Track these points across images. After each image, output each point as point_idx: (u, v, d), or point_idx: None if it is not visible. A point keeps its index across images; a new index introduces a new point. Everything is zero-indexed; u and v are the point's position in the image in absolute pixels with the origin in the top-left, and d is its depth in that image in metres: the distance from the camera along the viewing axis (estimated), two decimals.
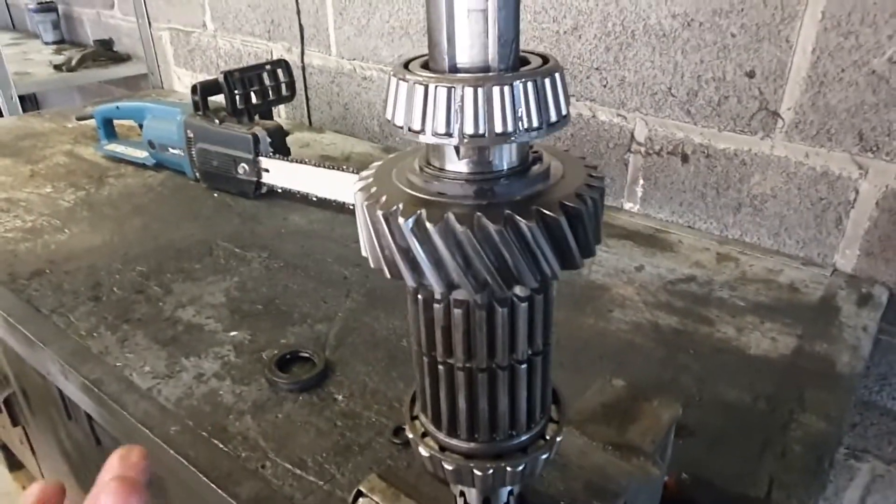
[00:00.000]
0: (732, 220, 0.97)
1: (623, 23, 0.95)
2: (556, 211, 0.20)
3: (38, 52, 2.08)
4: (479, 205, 0.20)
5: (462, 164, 0.21)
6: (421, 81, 0.20)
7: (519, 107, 0.19)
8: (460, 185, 0.21)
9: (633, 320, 0.77)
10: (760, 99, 0.88)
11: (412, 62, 0.22)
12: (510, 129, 0.19)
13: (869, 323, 0.78)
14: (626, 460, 0.39)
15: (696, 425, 0.61)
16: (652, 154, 1.01)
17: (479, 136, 0.19)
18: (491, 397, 0.23)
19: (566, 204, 0.20)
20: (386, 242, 0.21)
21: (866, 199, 0.84)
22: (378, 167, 0.24)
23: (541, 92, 0.20)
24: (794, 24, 0.82)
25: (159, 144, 1.19)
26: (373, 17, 1.26)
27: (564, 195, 0.20)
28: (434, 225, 0.19)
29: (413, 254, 0.20)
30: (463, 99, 0.19)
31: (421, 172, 0.22)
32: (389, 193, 0.21)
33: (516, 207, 0.20)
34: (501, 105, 0.19)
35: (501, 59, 0.20)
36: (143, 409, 0.64)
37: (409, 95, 0.20)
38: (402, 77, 0.20)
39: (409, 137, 0.20)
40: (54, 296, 0.83)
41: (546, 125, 0.20)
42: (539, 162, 0.22)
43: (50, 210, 1.08)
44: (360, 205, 0.22)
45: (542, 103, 0.20)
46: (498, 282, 0.20)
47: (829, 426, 0.62)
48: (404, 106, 0.20)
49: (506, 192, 0.21)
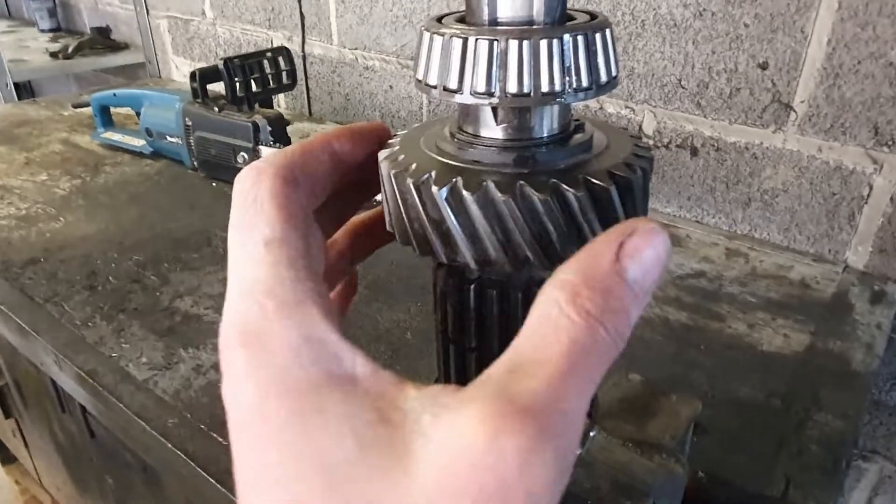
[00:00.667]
0: (742, 215, 0.95)
1: (633, 12, 0.93)
2: (605, 180, 0.18)
3: (33, 40, 2.05)
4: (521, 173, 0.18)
5: (499, 129, 0.19)
6: (459, 34, 0.18)
7: (568, 63, 0.17)
8: (497, 153, 0.19)
9: (643, 315, 0.75)
10: (773, 91, 0.86)
11: (445, 17, 0.20)
12: (558, 87, 0.17)
13: (883, 320, 0.76)
14: (648, 457, 0.37)
15: (710, 423, 0.59)
16: (660, 147, 0.99)
17: (523, 96, 0.17)
18: None
19: (616, 173, 0.18)
20: (416, 214, 0.19)
21: (880, 195, 0.83)
22: (404, 135, 0.22)
23: (591, 48, 0.18)
24: (809, 15, 0.80)
25: (157, 132, 1.16)
26: (375, 5, 1.24)
27: (613, 164, 0.18)
28: (472, 194, 0.17)
29: (447, 226, 0.18)
30: (507, 53, 0.17)
31: (453, 139, 0.20)
32: (420, 161, 0.19)
33: (561, 176, 0.18)
34: (549, 61, 0.17)
35: (548, 12, 0.18)
36: (139, 402, 0.62)
37: (446, 50, 0.18)
38: (436, 31, 0.18)
39: (444, 97, 0.18)
40: (48, 285, 0.81)
41: (596, 86, 0.18)
42: (581, 131, 0.20)
43: (45, 198, 1.05)
44: (386, 174, 0.20)
45: (593, 61, 0.18)
46: (540, 257, 0.18)
47: (845, 425, 0.60)
48: (438, 62, 0.18)
49: (548, 161, 0.19)
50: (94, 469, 1.02)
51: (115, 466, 0.94)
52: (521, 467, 0.13)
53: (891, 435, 0.94)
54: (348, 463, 0.14)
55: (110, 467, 0.96)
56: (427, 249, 0.19)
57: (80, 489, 1.19)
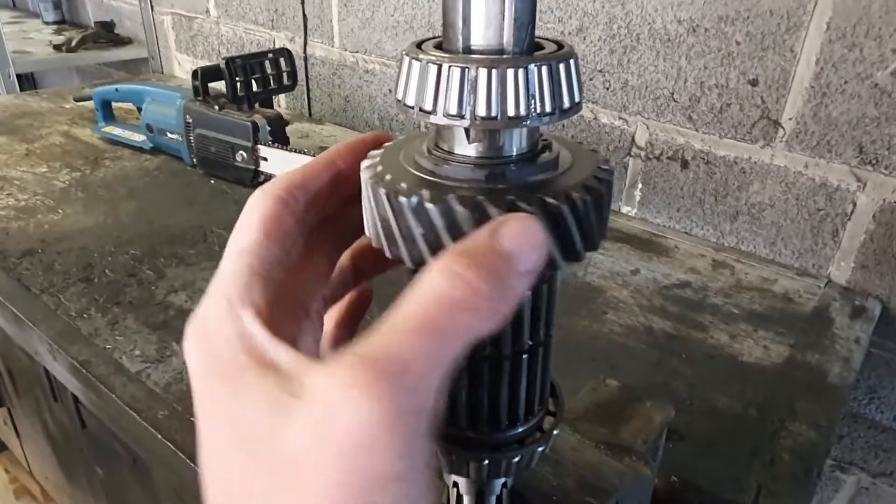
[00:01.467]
0: (729, 227, 0.97)
1: (628, 26, 0.95)
2: (560, 200, 0.19)
3: (37, 32, 2.06)
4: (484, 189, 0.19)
5: (471, 147, 0.21)
6: (434, 61, 0.20)
7: (533, 91, 0.19)
8: (469, 169, 0.21)
9: (627, 323, 0.77)
10: (762, 107, 0.88)
11: (425, 43, 0.21)
12: (523, 112, 0.19)
13: (861, 335, 0.78)
14: (617, 459, 0.38)
15: (687, 430, 0.61)
16: (652, 159, 1.01)
17: (491, 119, 0.19)
18: (492, 386, 0.23)
19: (571, 195, 0.20)
20: (386, 221, 0.20)
21: (863, 212, 0.84)
22: (387, 148, 0.24)
23: (555, 77, 0.20)
24: (798, 34, 0.82)
25: (157, 128, 1.18)
26: (377, 10, 1.26)
27: (571, 185, 0.20)
28: (435, 206, 0.19)
29: (412, 234, 0.20)
30: (477, 80, 0.19)
31: (429, 155, 0.22)
32: (395, 173, 0.21)
33: (520, 194, 0.19)
34: (515, 88, 0.19)
35: (517, 42, 0.20)
36: (130, 393, 0.63)
37: (422, 75, 0.20)
38: (415, 56, 0.20)
39: (420, 118, 0.20)
40: (45, 275, 0.82)
41: (559, 111, 0.20)
42: (548, 150, 0.22)
43: (44, 190, 1.07)
44: (364, 183, 0.21)
45: (556, 89, 0.20)
46: None
47: (818, 436, 0.62)
48: (416, 85, 0.20)
49: (513, 178, 0.21)
50: (84, 459, 1.03)
51: (104, 457, 0.95)
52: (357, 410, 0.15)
53: (868, 448, 0.95)
54: (256, 425, 0.17)
55: (100, 458, 0.97)
56: (396, 253, 0.21)
57: (70, 479, 1.20)
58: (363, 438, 0.16)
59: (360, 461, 0.16)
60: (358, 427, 0.15)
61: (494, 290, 0.17)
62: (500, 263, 0.18)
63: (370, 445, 0.16)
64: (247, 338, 0.19)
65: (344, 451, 0.16)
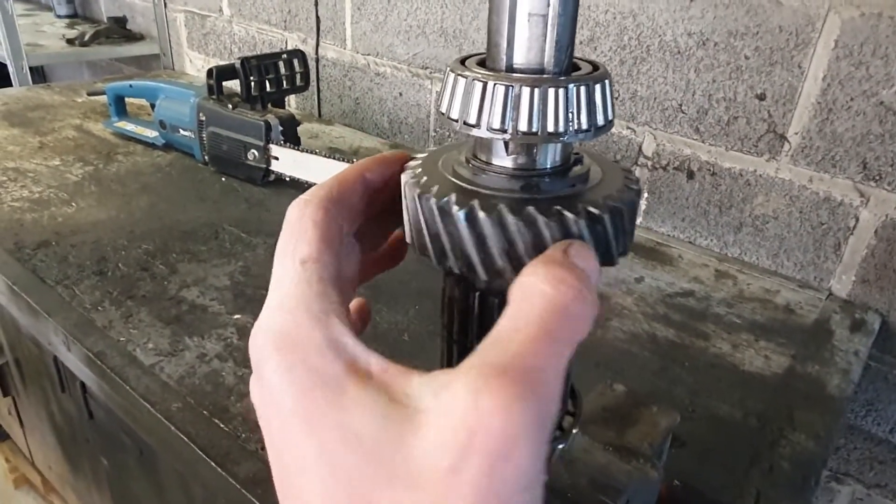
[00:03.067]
0: (733, 238, 0.98)
1: (639, 37, 0.97)
2: (601, 209, 0.21)
3: (50, 25, 2.08)
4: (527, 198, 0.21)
5: (509, 159, 0.23)
6: (480, 78, 0.21)
7: (571, 109, 0.21)
8: (506, 180, 0.22)
9: (631, 330, 0.79)
10: (769, 122, 0.89)
11: (468, 59, 0.23)
12: (561, 129, 0.21)
13: (860, 348, 0.79)
14: (625, 461, 0.40)
15: (688, 436, 0.62)
16: (658, 168, 1.02)
17: (531, 134, 0.21)
18: None
19: (609, 203, 0.21)
20: (435, 231, 0.22)
21: (866, 227, 0.86)
22: (424, 159, 0.25)
23: (592, 96, 0.21)
24: (807, 51, 0.83)
25: (170, 125, 1.19)
26: (391, 13, 1.27)
27: (607, 194, 0.22)
28: (487, 215, 0.20)
29: (463, 242, 0.21)
30: (520, 97, 0.20)
31: (468, 165, 0.23)
32: (440, 184, 0.22)
33: (563, 203, 0.21)
34: (555, 106, 0.20)
35: (556, 62, 0.21)
36: (144, 385, 0.65)
37: (468, 91, 0.21)
38: (460, 73, 0.22)
39: (463, 130, 0.22)
40: (59, 267, 0.83)
41: (594, 128, 0.21)
42: (580, 163, 0.23)
43: (58, 182, 1.08)
44: (410, 195, 0.23)
45: (592, 107, 0.21)
46: None
47: (816, 446, 0.63)
48: (460, 100, 0.21)
49: (550, 189, 0.22)
50: (90, 450, 1.05)
51: (110, 448, 0.96)
52: (500, 423, 0.16)
53: (864, 459, 0.97)
54: (373, 435, 0.17)
55: (106, 449, 0.98)
56: (443, 261, 0.22)
57: (73, 469, 1.21)
58: (504, 446, 0.16)
59: (501, 469, 0.16)
60: (500, 435, 0.16)
61: (593, 297, 0.19)
62: (584, 281, 0.19)
63: (511, 453, 0.16)
64: (338, 346, 0.19)
65: (486, 459, 0.16)
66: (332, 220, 0.23)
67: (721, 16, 0.88)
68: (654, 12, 0.94)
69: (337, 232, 0.23)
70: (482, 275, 0.21)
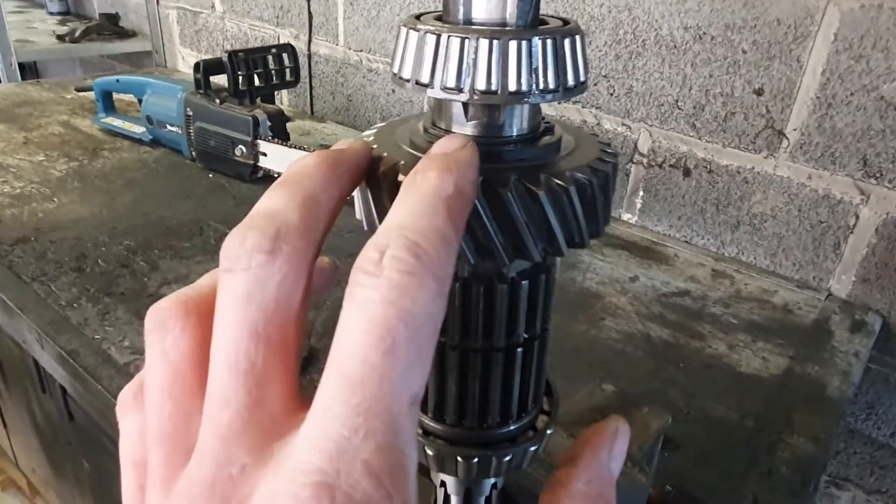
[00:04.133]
0: (730, 237, 0.96)
1: (634, 32, 0.95)
2: (565, 181, 0.18)
3: (41, 22, 2.06)
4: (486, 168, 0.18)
5: (469, 125, 0.20)
6: (433, 31, 0.19)
7: (535, 65, 0.18)
8: None
9: (625, 330, 0.76)
10: (767, 117, 0.87)
11: (424, 15, 0.21)
12: (525, 87, 0.18)
13: (861, 349, 0.77)
14: None
15: (683, 439, 0.60)
16: (654, 166, 1.00)
17: (491, 93, 0.18)
18: (483, 380, 0.22)
19: (577, 175, 0.19)
20: (382, 203, 0.19)
21: (866, 226, 0.84)
22: (380, 128, 0.23)
23: (559, 52, 0.19)
24: (805, 45, 0.81)
25: (157, 121, 1.17)
26: (383, 9, 1.25)
27: (575, 166, 0.19)
28: None
29: None
30: (477, 51, 0.18)
31: (425, 133, 0.21)
32: (391, 152, 0.20)
33: (525, 174, 0.18)
34: (518, 61, 0.18)
35: (520, 15, 0.19)
36: (118, 384, 0.62)
37: (419, 46, 0.19)
38: (412, 27, 0.19)
39: (416, 91, 0.19)
40: (37, 264, 0.81)
41: (563, 88, 0.19)
42: (550, 133, 0.21)
43: (40, 178, 1.06)
44: None
45: (560, 64, 0.19)
46: (500, 251, 0.18)
47: (816, 449, 0.61)
48: (413, 57, 0.19)
49: (514, 159, 0.20)
50: (71, 452, 1.02)
51: (92, 450, 0.94)
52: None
53: (864, 464, 0.94)
54: None
55: (87, 451, 0.96)
56: None
57: (56, 472, 1.19)
58: None
59: None
60: None
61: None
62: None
63: None
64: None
65: None
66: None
67: (718, 9, 0.86)
68: (650, 5, 0.92)
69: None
70: None
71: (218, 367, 0.16)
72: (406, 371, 0.14)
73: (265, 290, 0.16)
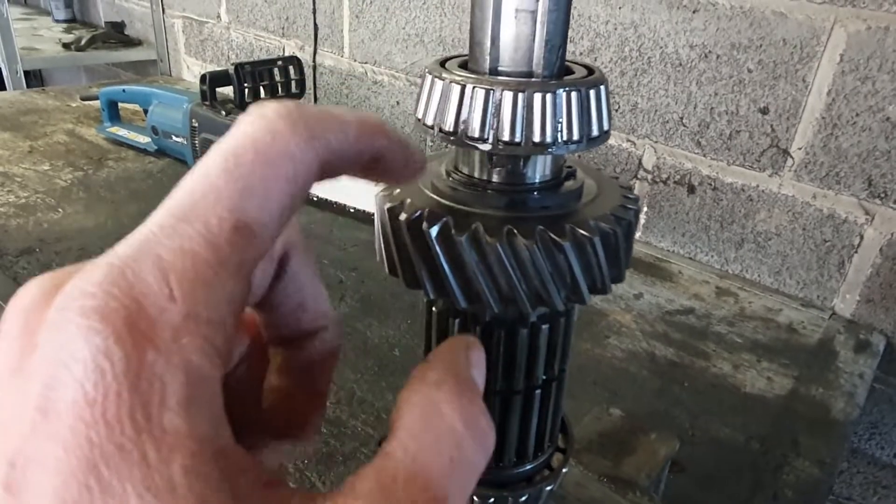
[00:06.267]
0: (734, 255, 0.96)
1: (640, 49, 0.95)
2: (590, 231, 0.18)
3: (47, 29, 2.07)
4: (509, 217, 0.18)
5: (493, 172, 0.20)
6: (458, 81, 0.19)
7: (560, 117, 0.18)
8: (489, 195, 0.20)
9: (629, 348, 0.76)
10: (772, 136, 0.87)
11: (449, 61, 0.21)
12: (549, 139, 0.18)
13: (865, 370, 0.77)
14: (621, 494, 0.37)
15: (688, 461, 0.60)
16: (658, 182, 1.00)
17: (514, 144, 0.18)
18: (502, 422, 0.22)
19: (601, 225, 0.19)
20: (405, 250, 0.19)
21: (870, 246, 0.84)
22: None
23: (584, 104, 0.19)
24: (811, 65, 0.82)
25: (163, 131, 1.17)
26: (389, 22, 1.26)
27: (599, 215, 0.19)
28: (461, 235, 0.18)
29: (436, 264, 0.19)
30: (501, 103, 0.18)
31: (448, 178, 0.21)
32: (413, 198, 0.20)
33: (548, 223, 0.18)
34: (542, 113, 0.18)
35: (547, 65, 0.19)
36: None
37: (445, 94, 0.19)
38: (437, 75, 0.19)
39: (440, 139, 0.19)
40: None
41: (587, 139, 0.19)
42: (573, 178, 0.21)
43: (45, 188, 1.06)
44: (380, 208, 0.20)
45: (585, 116, 0.19)
46: (523, 300, 0.18)
47: (821, 473, 0.61)
48: (437, 105, 0.19)
49: (537, 207, 0.20)
50: None
51: None
52: None
53: (867, 484, 0.94)
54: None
55: None
56: (415, 284, 0.20)
57: None
58: None
59: None
60: None
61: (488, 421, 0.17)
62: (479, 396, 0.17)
63: None
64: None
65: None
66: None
67: (724, 28, 0.87)
68: (656, 24, 0.92)
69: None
70: (460, 301, 0.19)
71: None
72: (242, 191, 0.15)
73: None
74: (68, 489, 0.13)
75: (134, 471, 0.13)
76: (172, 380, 0.13)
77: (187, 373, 0.14)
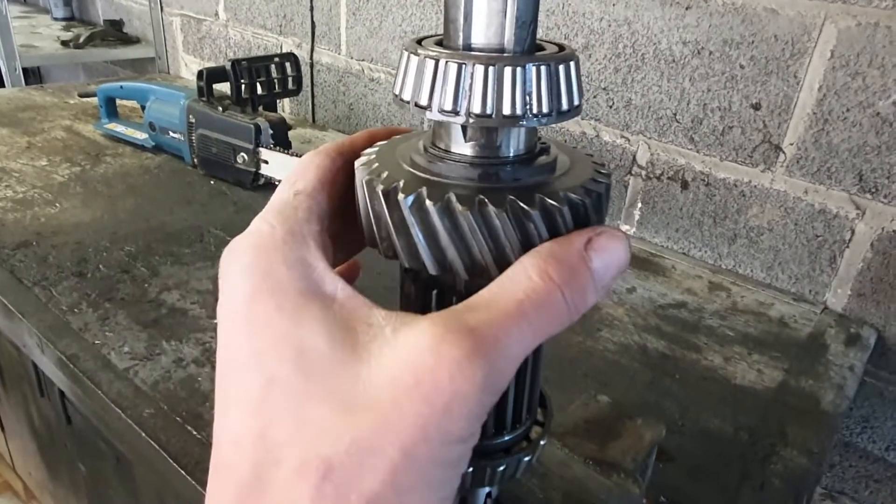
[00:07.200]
0: (727, 250, 0.97)
1: (634, 45, 0.96)
2: (559, 201, 0.19)
3: (46, 27, 2.07)
4: (482, 188, 0.19)
5: (468, 146, 0.21)
6: (432, 56, 0.19)
7: (530, 90, 0.19)
8: (464, 168, 0.21)
9: (621, 341, 0.77)
10: (764, 132, 0.88)
11: (426, 39, 0.21)
12: (519, 112, 0.19)
13: (856, 363, 0.78)
14: (605, 476, 0.38)
15: (677, 451, 0.60)
16: (652, 178, 1.01)
17: (486, 117, 0.19)
18: None
19: (570, 195, 0.19)
20: (383, 219, 0.20)
21: (861, 240, 0.84)
22: (381, 146, 0.23)
23: (553, 78, 0.19)
24: (802, 61, 0.82)
25: (160, 127, 1.18)
26: (385, 19, 1.26)
27: (569, 186, 0.20)
28: (434, 204, 0.19)
29: (410, 232, 0.19)
30: (473, 77, 0.19)
31: (425, 153, 0.22)
32: (391, 170, 0.21)
33: (519, 194, 0.19)
34: (512, 87, 0.19)
35: (517, 41, 0.20)
36: (117, 390, 0.63)
37: (419, 70, 0.20)
38: (413, 51, 0.20)
39: (416, 113, 0.20)
40: (38, 268, 0.82)
41: (556, 112, 0.20)
42: (546, 153, 0.22)
43: (43, 183, 1.06)
44: (359, 180, 0.21)
45: (554, 89, 0.19)
46: (495, 267, 0.19)
47: (809, 463, 0.61)
48: (413, 81, 0.20)
49: (510, 179, 0.20)
50: (68, 455, 1.02)
51: (88, 454, 0.94)
52: (452, 372, 0.16)
53: (859, 477, 0.95)
54: (318, 353, 0.17)
55: (84, 455, 0.96)
56: (392, 254, 0.20)
57: (52, 475, 1.19)
58: (452, 401, 0.16)
59: (439, 418, 0.16)
60: (451, 389, 0.16)
61: (578, 303, 0.19)
62: (587, 281, 0.19)
63: (456, 409, 0.16)
64: (309, 266, 0.19)
65: (431, 404, 0.16)
66: (335, 167, 0.24)
67: (716, 24, 0.87)
68: (649, 20, 0.93)
69: (335, 177, 0.23)
70: (432, 270, 0.20)
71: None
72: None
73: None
74: None
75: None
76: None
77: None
